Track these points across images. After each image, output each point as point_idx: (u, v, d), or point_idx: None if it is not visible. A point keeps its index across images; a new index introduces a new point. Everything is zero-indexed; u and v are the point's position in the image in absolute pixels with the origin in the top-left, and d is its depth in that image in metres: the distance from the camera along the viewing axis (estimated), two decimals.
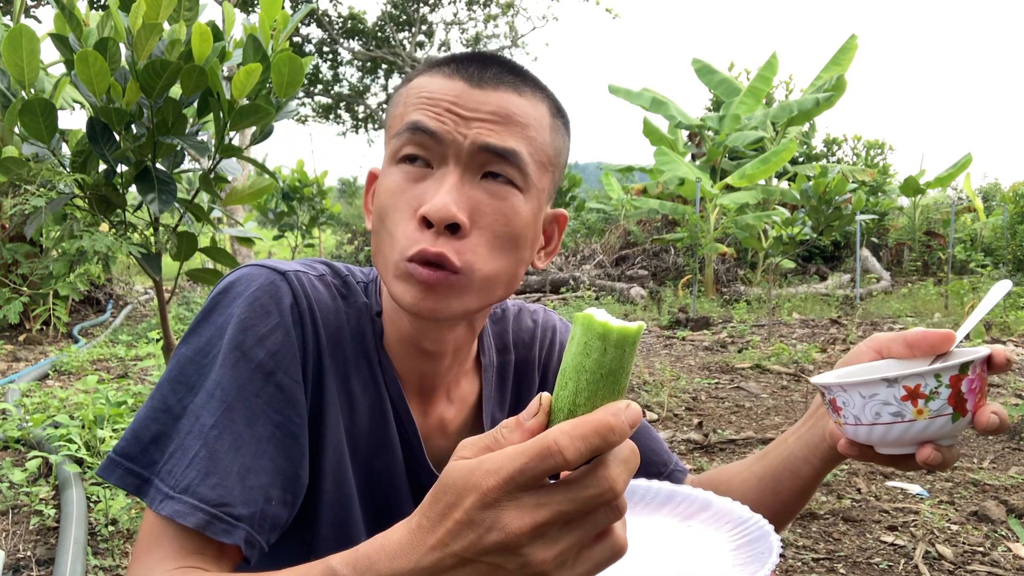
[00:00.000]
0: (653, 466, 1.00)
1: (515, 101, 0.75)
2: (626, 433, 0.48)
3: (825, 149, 19.73)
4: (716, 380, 5.25)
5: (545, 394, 0.52)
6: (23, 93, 2.13)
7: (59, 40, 2.15)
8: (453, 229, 0.72)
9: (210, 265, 3.71)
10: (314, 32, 18.11)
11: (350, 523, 0.82)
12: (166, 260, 2.50)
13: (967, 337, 0.73)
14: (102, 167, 2.33)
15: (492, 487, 0.47)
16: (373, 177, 0.84)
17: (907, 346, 0.76)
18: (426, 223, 0.72)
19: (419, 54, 17.93)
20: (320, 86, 18.95)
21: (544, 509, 0.47)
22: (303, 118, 19.62)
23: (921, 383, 0.66)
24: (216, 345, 0.74)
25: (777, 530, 0.73)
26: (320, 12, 17.53)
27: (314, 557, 0.58)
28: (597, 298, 9.85)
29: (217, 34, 2.29)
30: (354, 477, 0.82)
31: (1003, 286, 0.75)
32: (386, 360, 0.84)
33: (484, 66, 0.76)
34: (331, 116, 19.75)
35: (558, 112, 0.81)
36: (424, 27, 18.50)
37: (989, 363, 0.70)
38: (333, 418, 0.79)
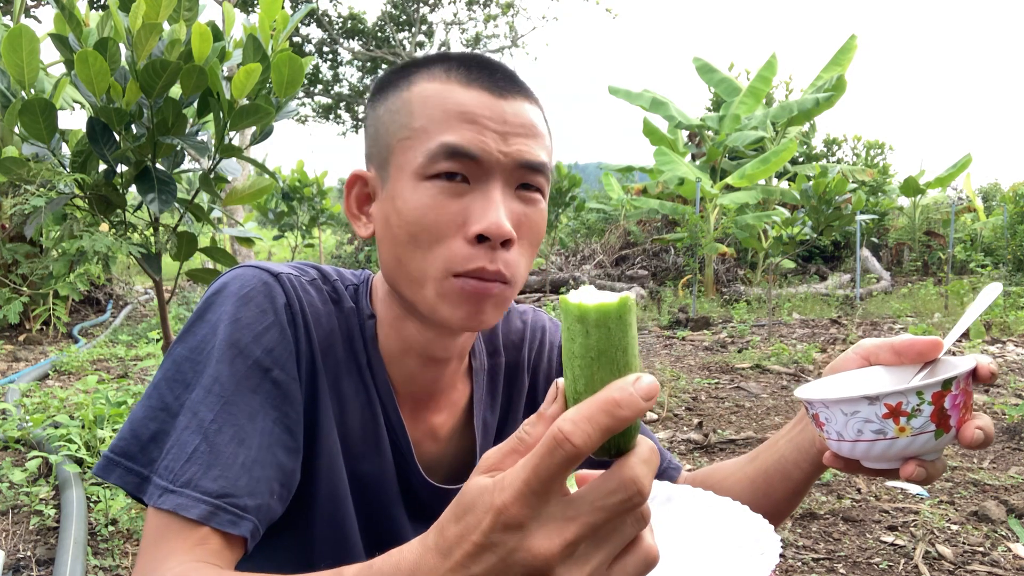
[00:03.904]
0: None
1: (531, 110, 0.77)
2: (638, 406, 0.43)
3: (825, 149, 19.72)
4: (716, 380, 5.25)
5: (561, 380, 0.49)
6: (23, 93, 2.13)
7: (59, 40, 2.15)
8: (506, 244, 0.74)
9: (210, 265, 3.71)
10: (314, 32, 18.13)
11: (345, 523, 0.82)
12: (166, 260, 2.50)
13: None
14: (102, 167, 2.33)
15: (508, 502, 0.44)
16: (358, 180, 0.82)
17: (895, 353, 0.74)
18: (478, 239, 0.72)
19: (419, 54, 17.91)
20: (320, 86, 18.94)
21: (572, 524, 0.44)
22: (303, 118, 19.63)
23: (903, 401, 0.64)
24: (211, 342, 0.74)
25: None
26: (320, 12, 17.53)
27: (310, 555, 0.57)
28: None
29: (217, 34, 2.29)
30: (347, 478, 0.82)
31: (993, 289, 0.74)
32: (377, 364, 0.84)
33: (490, 71, 0.76)
34: (331, 116, 19.74)
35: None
36: (424, 27, 18.51)
37: (974, 375, 0.68)
38: (327, 419, 0.80)
